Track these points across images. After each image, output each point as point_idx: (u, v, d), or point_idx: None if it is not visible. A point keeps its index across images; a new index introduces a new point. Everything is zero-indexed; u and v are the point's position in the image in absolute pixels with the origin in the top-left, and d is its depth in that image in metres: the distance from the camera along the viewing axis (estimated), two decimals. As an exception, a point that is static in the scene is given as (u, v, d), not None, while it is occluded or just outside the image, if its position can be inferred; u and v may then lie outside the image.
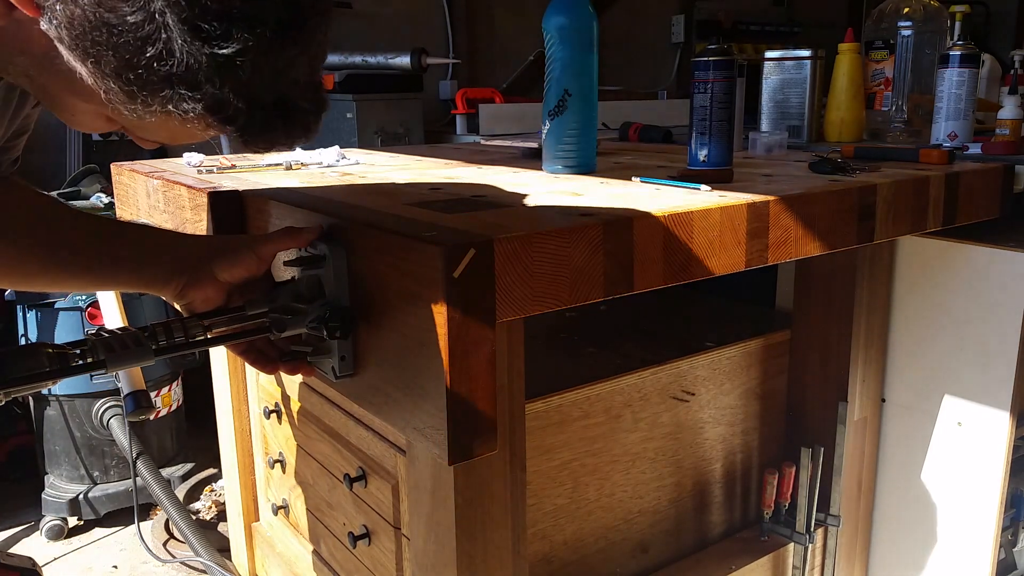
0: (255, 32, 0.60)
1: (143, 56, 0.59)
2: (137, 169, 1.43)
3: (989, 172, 1.26)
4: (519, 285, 0.77)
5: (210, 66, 0.60)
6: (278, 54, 0.62)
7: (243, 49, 0.60)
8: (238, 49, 0.59)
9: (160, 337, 0.79)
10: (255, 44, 0.60)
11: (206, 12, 0.58)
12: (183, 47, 0.59)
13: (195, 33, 0.58)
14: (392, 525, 1.10)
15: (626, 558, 1.30)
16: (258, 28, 0.60)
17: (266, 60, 0.62)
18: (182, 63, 0.59)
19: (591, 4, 1.16)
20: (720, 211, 0.92)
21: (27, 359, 0.71)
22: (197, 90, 0.61)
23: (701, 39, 3.93)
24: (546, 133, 1.20)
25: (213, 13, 0.58)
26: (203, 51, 0.59)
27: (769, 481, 1.38)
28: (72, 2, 0.59)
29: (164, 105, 0.62)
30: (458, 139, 2.88)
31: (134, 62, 0.60)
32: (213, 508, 2.30)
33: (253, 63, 0.61)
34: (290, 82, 0.66)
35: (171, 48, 0.59)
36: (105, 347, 0.75)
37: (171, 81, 0.60)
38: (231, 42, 0.59)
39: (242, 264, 0.87)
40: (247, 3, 0.59)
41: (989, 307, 1.25)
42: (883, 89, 1.69)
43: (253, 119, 0.65)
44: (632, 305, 1.56)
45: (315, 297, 0.87)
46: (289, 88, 0.66)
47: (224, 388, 1.55)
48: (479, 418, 0.76)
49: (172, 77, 0.60)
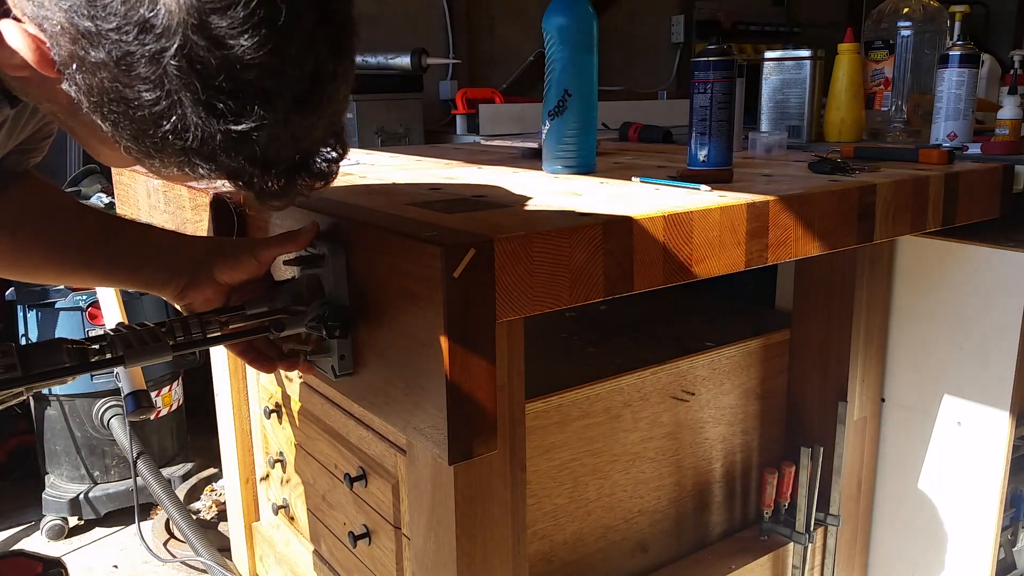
0: (270, 107, 0.59)
1: (159, 129, 0.59)
2: (137, 169, 1.43)
3: (989, 172, 1.26)
4: (519, 285, 0.78)
5: (225, 141, 0.60)
6: (295, 125, 0.62)
7: (258, 126, 0.59)
8: (253, 126, 0.59)
9: (178, 333, 0.79)
10: (271, 119, 0.59)
11: (220, 91, 0.58)
12: (198, 123, 0.59)
13: (209, 110, 0.58)
14: (392, 525, 1.10)
15: (626, 558, 1.30)
16: (274, 103, 0.59)
17: (283, 131, 0.61)
18: (197, 138, 0.59)
19: (591, 4, 1.16)
20: (720, 211, 0.92)
21: (48, 354, 0.72)
22: (212, 161, 0.61)
23: (701, 39, 3.93)
24: (546, 133, 1.20)
25: (227, 92, 0.58)
26: (218, 128, 0.59)
27: (769, 481, 1.38)
28: (90, 72, 0.59)
29: (181, 168, 0.63)
30: (458, 139, 2.88)
31: (150, 133, 0.60)
32: (213, 508, 2.30)
33: (269, 135, 0.60)
34: (308, 144, 0.65)
35: (186, 124, 0.59)
36: (123, 343, 0.75)
37: (186, 152, 0.61)
38: (246, 119, 0.59)
39: (242, 267, 0.87)
40: (262, 79, 0.58)
41: (989, 307, 1.26)
42: (883, 89, 1.69)
43: (268, 183, 0.65)
44: (632, 305, 1.57)
45: (315, 296, 0.87)
46: (307, 149, 0.66)
47: (224, 388, 1.55)
48: (479, 418, 0.76)
49: (187, 150, 0.60)
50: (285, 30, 0.57)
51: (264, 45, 0.57)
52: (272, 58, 0.57)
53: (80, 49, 0.58)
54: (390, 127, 2.81)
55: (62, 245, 0.94)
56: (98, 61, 0.57)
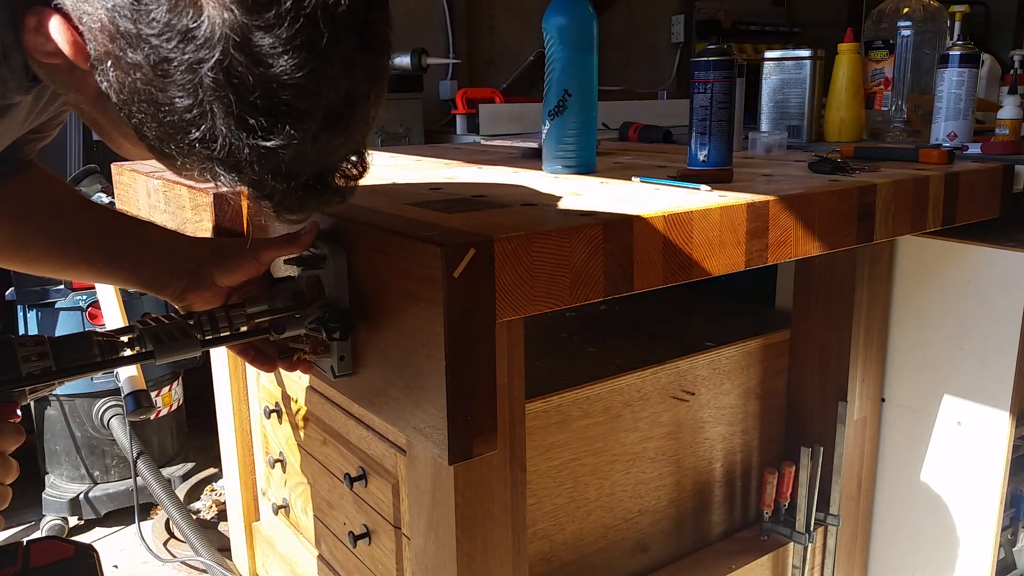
0: (301, 127, 0.59)
1: (187, 136, 0.59)
2: (138, 169, 1.43)
3: (989, 172, 1.26)
4: (519, 285, 0.78)
5: (253, 155, 0.60)
6: (323, 144, 0.62)
7: (287, 143, 0.59)
8: (282, 143, 0.59)
9: (205, 327, 0.79)
10: (300, 137, 0.59)
11: (254, 107, 0.58)
12: (227, 135, 0.59)
13: (240, 124, 0.58)
14: (392, 524, 1.10)
15: (626, 557, 1.30)
16: (305, 123, 0.59)
17: (310, 149, 0.61)
18: (224, 148, 0.59)
19: (591, 4, 1.16)
20: (720, 211, 0.92)
21: (79, 347, 0.72)
22: (236, 172, 0.61)
23: (701, 39, 3.93)
24: (546, 133, 1.20)
25: (261, 108, 0.58)
26: (246, 141, 0.59)
27: (769, 481, 1.38)
28: (124, 71, 0.59)
29: (202, 174, 0.63)
30: (458, 139, 2.88)
31: (177, 139, 0.60)
32: (213, 508, 2.30)
33: (296, 152, 0.60)
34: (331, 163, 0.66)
35: (214, 134, 0.59)
36: (153, 337, 0.74)
37: (211, 160, 0.61)
38: (275, 136, 0.59)
39: (242, 269, 0.87)
40: (297, 99, 0.58)
41: (989, 307, 1.26)
42: (883, 89, 1.69)
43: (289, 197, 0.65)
44: (632, 305, 1.57)
45: (315, 296, 0.87)
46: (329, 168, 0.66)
47: (225, 388, 1.55)
48: (479, 418, 0.76)
49: (213, 158, 0.60)
50: (325, 53, 0.57)
51: (303, 67, 0.57)
52: (309, 80, 0.57)
53: (117, 48, 0.58)
54: (390, 127, 2.81)
55: (62, 238, 0.94)
56: (134, 62, 0.57)
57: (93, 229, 0.94)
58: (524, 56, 3.56)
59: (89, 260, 0.93)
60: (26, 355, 0.69)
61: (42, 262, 0.96)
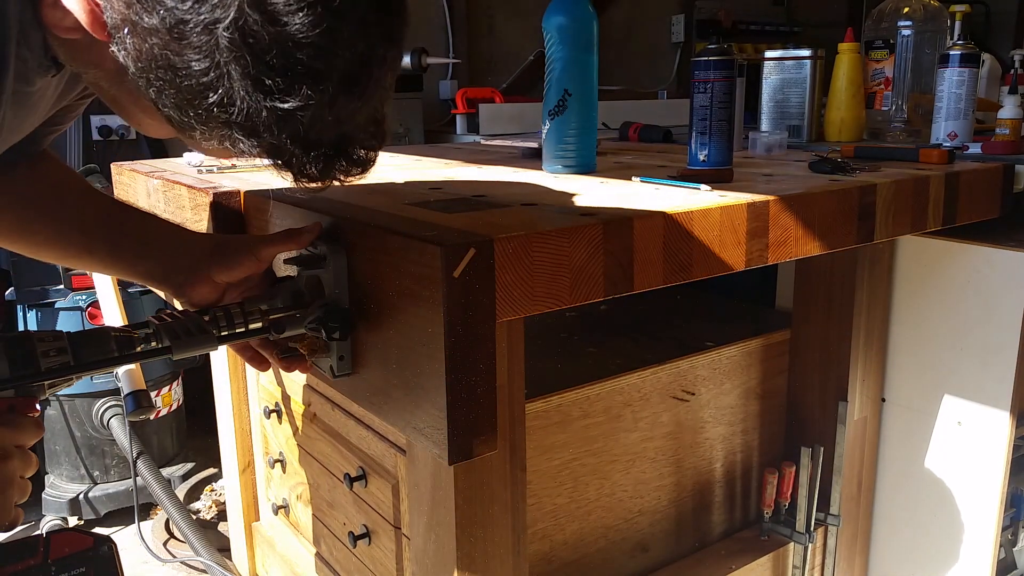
0: (318, 87, 0.59)
1: (204, 101, 0.59)
2: (137, 169, 1.43)
3: (989, 172, 1.26)
4: (519, 285, 0.78)
5: (270, 118, 0.60)
6: (341, 107, 0.62)
7: (304, 105, 0.59)
8: (299, 104, 0.59)
9: (221, 323, 0.79)
10: (317, 100, 0.59)
11: (271, 67, 0.57)
12: (244, 98, 0.58)
13: (257, 86, 0.58)
14: (392, 525, 1.10)
15: (626, 557, 1.30)
16: (322, 84, 0.59)
17: (328, 112, 0.61)
18: (242, 112, 0.59)
19: (591, 4, 1.16)
20: (720, 211, 0.92)
21: (97, 343, 0.72)
22: (255, 137, 0.61)
23: (701, 39, 3.93)
24: (546, 133, 1.20)
25: (278, 69, 0.58)
26: (264, 103, 0.59)
27: (769, 481, 1.38)
28: (141, 37, 0.59)
29: (222, 142, 0.63)
30: (458, 139, 2.88)
31: (195, 104, 0.60)
32: (213, 508, 2.30)
33: (314, 115, 0.60)
34: (350, 128, 0.65)
35: (232, 97, 0.59)
36: (169, 332, 0.75)
37: (230, 126, 0.61)
38: (293, 97, 0.59)
39: (241, 266, 0.87)
40: (313, 58, 0.58)
41: (989, 307, 1.26)
42: (883, 89, 1.69)
43: (309, 163, 0.64)
44: (632, 305, 1.57)
45: (314, 296, 0.87)
46: (348, 133, 0.65)
47: (224, 388, 1.55)
48: (479, 418, 0.76)
49: (231, 123, 0.60)
50: (340, 12, 0.58)
51: (318, 25, 0.57)
52: (324, 39, 0.57)
53: (134, 13, 0.58)
54: (390, 127, 2.80)
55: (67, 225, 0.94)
56: (150, 27, 0.58)
57: (97, 217, 0.94)
58: (524, 56, 3.55)
59: (91, 248, 0.93)
60: (45, 350, 0.69)
61: (47, 247, 0.96)
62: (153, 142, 2.82)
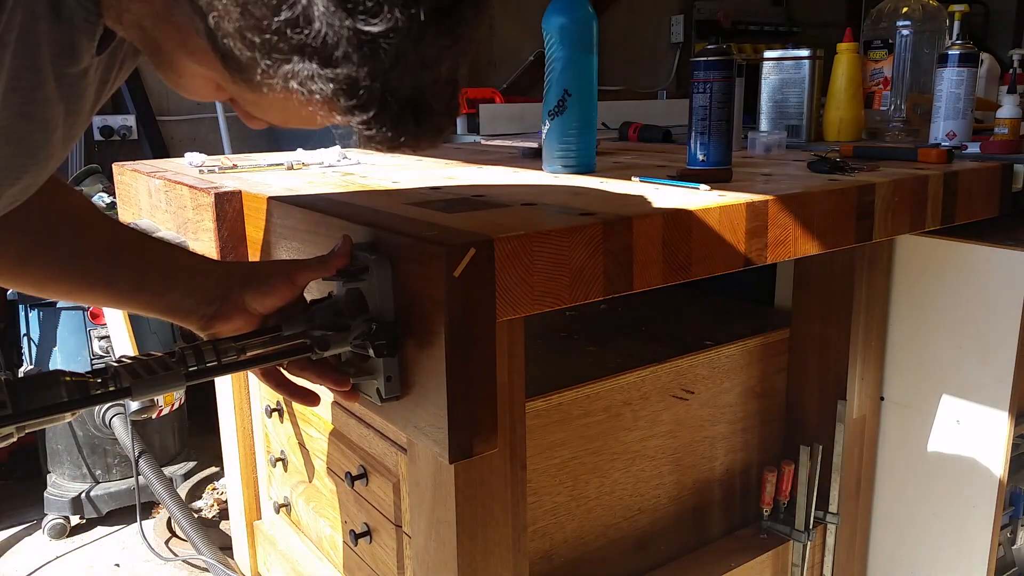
0: (408, 13, 0.52)
1: (275, 19, 0.51)
2: (139, 169, 1.43)
3: (988, 171, 1.26)
4: (519, 284, 0.78)
5: (351, 43, 0.52)
6: (428, 44, 0.54)
7: (391, 29, 0.52)
8: (386, 29, 0.52)
9: (190, 361, 0.72)
10: (405, 27, 0.52)
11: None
12: (324, 16, 0.51)
13: (341, 2, 0.51)
14: (393, 523, 1.10)
15: (626, 555, 1.30)
16: (412, 8, 0.52)
17: (413, 48, 0.54)
18: (319, 34, 0.52)
19: (591, 4, 1.16)
20: (719, 210, 0.93)
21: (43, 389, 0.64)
22: (330, 68, 0.53)
23: (700, 39, 3.92)
24: (546, 133, 1.20)
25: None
26: (346, 24, 0.51)
27: (768, 479, 1.39)
28: None
29: (287, 81, 0.55)
30: (458, 139, 2.88)
31: (263, 24, 0.52)
32: (215, 506, 2.31)
33: (398, 48, 0.53)
34: (432, 78, 0.58)
35: (309, 15, 0.51)
36: (130, 373, 0.68)
37: (302, 52, 0.53)
38: (380, 19, 0.51)
39: (276, 292, 0.80)
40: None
41: (988, 305, 1.26)
42: (882, 88, 1.69)
43: (385, 112, 0.56)
44: (632, 304, 1.57)
45: (356, 314, 0.81)
46: (429, 84, 0.58)
47: (226, 386, 1.55)
48: (479, 417, 0.77)
49: (304, 48, 0.52)
50: None
51: None
52: None
53: None
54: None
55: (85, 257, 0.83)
56: None
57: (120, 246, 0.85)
58: (524, 56, 3.56)
59: (111, 282, 0.83)
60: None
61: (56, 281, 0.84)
62: (155, 142, 2.83)
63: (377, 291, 0.79)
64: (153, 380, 0.69)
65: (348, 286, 0.82)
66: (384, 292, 0.79)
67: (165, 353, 0.71)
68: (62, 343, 2.23)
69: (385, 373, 0.80)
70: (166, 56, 0.61)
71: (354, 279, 0.81)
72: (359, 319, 0.79)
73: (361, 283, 0.81)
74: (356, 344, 0.78)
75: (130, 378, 0.68)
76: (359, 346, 0.78)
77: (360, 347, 0.78)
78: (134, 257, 0.84)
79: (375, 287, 0.79)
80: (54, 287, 0.85)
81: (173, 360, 0.71)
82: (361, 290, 0.82)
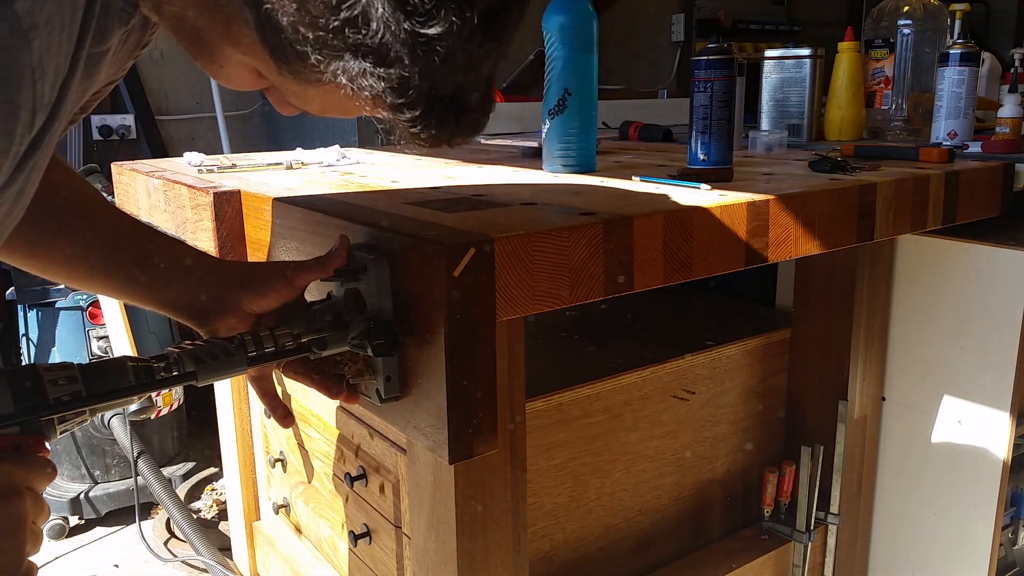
0: (463, 16, 0.53)
1: (332, 17, 0.52)
2: (138, 168, 1.43)
3: (989, 170, 1.26)
4: (519, 284, 0.78)
5: (406, 44, 0.53)
6: (476, 46, 0.56)
7: (446, 33, 0.53)
8: (441, 32, 0.53)
9: (250, 347, 0.74)
10: (459, 30, 0.54)
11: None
12: (383, 17, 0.52)
13: (400, 4, 0.52)
14: (393, 524, 1.10)
15: (627, 556, 1.30)
16: (467, 12, 0.54)
17: (463, 49, 0.55)
18: (377, 34, 0.53)
19: (591, 4, 1.16)
20: (720, 210, 0.92)
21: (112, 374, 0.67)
22: (384, 67, 0.54)
23: (701, 38, 3.92)
24: (546, 132, 1.20)
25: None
26: (403, 26, 0.52)
27: (769, 479, 1.38)
28: None
29: (336, 76, 0.55)
30: (458, 138, 2.87)
31: (319, 22, 0.53)
32: (214, 507, 2.30)
33: (449, 50, 0.54)
34: (474, 78, 0.60)
35: (368, 15, 0.52)
36: (193, 359, 0.70)
37: (356, 50, 0.54)
38: (437, 22, 0.53)
39: (275, 293, 0.81)
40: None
41: (989, 305, 1.26)
42: (883, 88, 1.69)
43: (431, 110, 0.58)
44: (632, 304, 1.57)
45: (355, 314, 0.81)
46: (470, 84, 0.60)
47: (225, 387, 1.55)
48: (479, 417, 0.76)
49: (360, 47, 0.53)
50: None
51: None
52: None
53: None
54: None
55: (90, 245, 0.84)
56: None
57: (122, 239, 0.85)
58: (524, 56, 3.55)
59: (111, 272, 0.84)
60: (52, 379, 0.63)
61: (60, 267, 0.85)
62: (153, 142, 2.82)
63: (375, 290, 0.79)
64: (216, 365, 0.71)
65: (347, 286, 0.82)
66: (382, 291, 0.79)
67: (224, 339, 0.74)
68: (61, 343, 2.23)
69: (384, 373, 0.80)
70: (207, 46, 0.61)
71: (352, 279, 0.81)
72: (357, 319, 0.79)
73: (359, 283, 0.81)
74: (355, 344, 0.79)
75: (193, 363, 0.70)
76: (358, 345, 0.79)
77: (359, 347, 0.79)
78: (135, 249, 0.84)
79: (373, 287, 0.79)
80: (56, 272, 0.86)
81: (233, 346, 0.73)
82: (360, 290, 0.82)
